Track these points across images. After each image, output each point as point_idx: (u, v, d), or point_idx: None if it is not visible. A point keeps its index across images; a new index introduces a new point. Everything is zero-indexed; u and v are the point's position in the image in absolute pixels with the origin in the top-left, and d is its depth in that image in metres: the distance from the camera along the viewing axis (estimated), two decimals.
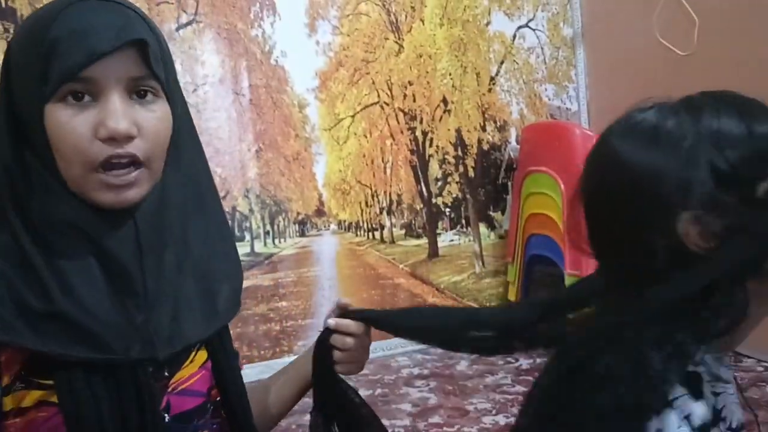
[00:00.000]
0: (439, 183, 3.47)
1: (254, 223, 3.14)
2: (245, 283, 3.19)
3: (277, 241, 3.23)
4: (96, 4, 0.73)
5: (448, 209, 3.50)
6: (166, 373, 0.81)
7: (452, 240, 3.51)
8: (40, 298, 0.71)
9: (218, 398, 0.87)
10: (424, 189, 3.45)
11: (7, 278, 0.71)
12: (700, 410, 0.68)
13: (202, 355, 0.86)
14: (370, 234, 3.43)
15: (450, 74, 3.42)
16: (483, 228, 3.53)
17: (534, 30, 3.59)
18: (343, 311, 0.99)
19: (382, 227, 3.44)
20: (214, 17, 2.96)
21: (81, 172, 0.73)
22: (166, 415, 0.80)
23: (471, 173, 3.49)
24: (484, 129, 3.50)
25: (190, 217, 0.84)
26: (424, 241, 3.48)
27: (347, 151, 3.32)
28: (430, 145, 3.42)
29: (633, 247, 0.72)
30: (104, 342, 0.72)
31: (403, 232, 3.47)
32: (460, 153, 3.47)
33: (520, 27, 3.56)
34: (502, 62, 3.54)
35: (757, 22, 2.60)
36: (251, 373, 1.03)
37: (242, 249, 3.11)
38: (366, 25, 3.29)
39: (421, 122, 3.39)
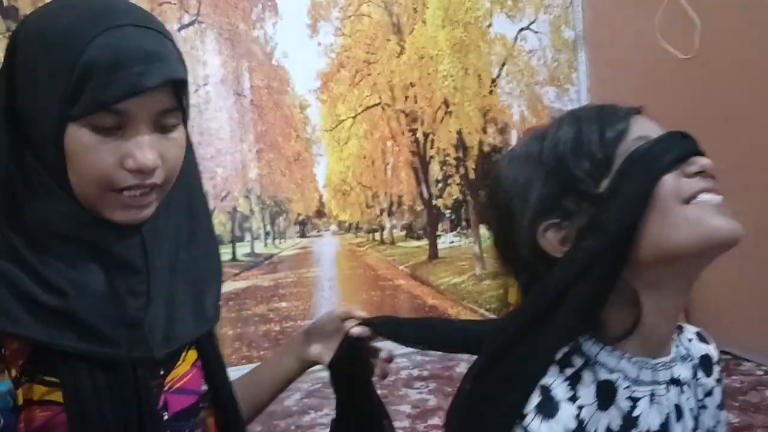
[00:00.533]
0: (440, 185, 3.47)
1: (254, 224, 3.14)
2: (245, 283, 3.16)
3: (277, 241, 3.23)
4: (136, 31, 0.71)
5: (448, 211, 3.50)
6: (162, 372, 0.81)
7: (452, 242, 3.51)
8: (49, 294, 0.71)
9: (203, 394, 0.88)
10: (424, 190, 3.45)
11: (11, 274, 0.71)
12: (558, 426, 0.68)
13: (192, 354, 0.87)
14: (371, 235, 3.43)
15: (451, 76, 3.42)
16: (483, 230, 3.53)
17: (535, 32, 3.59)
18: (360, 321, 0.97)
19: (383, 228, 3.44)
20: (216, 18, 2.96)
21: (97, 192, 0.72)
22: (165, 413, 0.81)
23: (472, 175, 3.50)
24: (485, 131, 3.50)
25: (181, 221, 0.85)
26: (424, 242, 3.48)
27: (348, 152, 3.32)
28: (431, 147, 3.42)
29: (513, 260, 0.78)
30: (108, 338, 0.73)
31: (404, 233, 3.47)
32: (460, 155, 3.47)
33: (521, 29, 3.56)
34: (503, 64, 3.54)
35: (758, 25, 2.60)
36: None
37: (242, 249, 3.12)
38: (368, 27, 3.29)
39: (422, 124, 3.39)
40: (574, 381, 0.72)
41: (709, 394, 0.83)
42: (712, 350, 0.85)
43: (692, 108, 2.81)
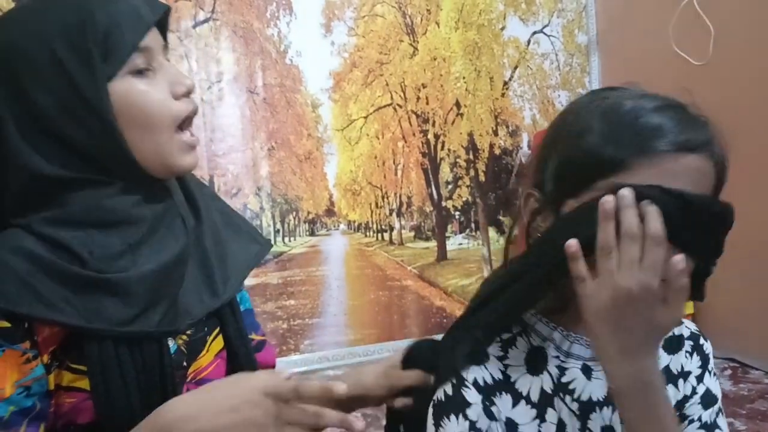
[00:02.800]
0: (450, 186, 3.47)
1: (265, 221, 3.16)
2: (254, 281, 3.16)
3: (287, 239, 3.24)
4: None
5: (458, 213, 3.51)
6: (185, 363, 0.82)
7: (461, 243, 3.52)
8: (78, 263, 0.73)
9: None
10: (434, 192, 3.45)
11: (45, 259, 0.72)
12: (479, 374, 0.77)
13: (217, 344, 0.87)
14: (380, 235, 3.44)
15: (464, 78, 3.42)
16: (492, 232, 3.53)
17: (549, 36, 3.58)
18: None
19: (392, 229, 3.45)
20: (230, 15, 2.98)
21: (168, 134, 0.77)
22: None
23: (482, 177, 3.50)
24: (496, 133, 3.50)
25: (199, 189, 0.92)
26: (433, 243, 3.49)
27: (359, 152, 3.33)
28: (442, 148, 3.43)
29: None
30: (135, 315, 0.74)
31: (413, 234, 3.48)
32: (471, 157, 3.47)
33: (534, 32, 3.56)
34: (515, 67, 3.54)
35: None
36: None
37: None
38: (381, 27, 3.30)
39: (433, 125, 3.40)
40: (507, 344, 0.80)
41: (673, 379, 0.84)
42: (678, 329, 0.88)
43: (706, 115, 2.80)
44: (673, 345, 0.88)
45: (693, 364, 0.87)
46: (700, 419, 0.84)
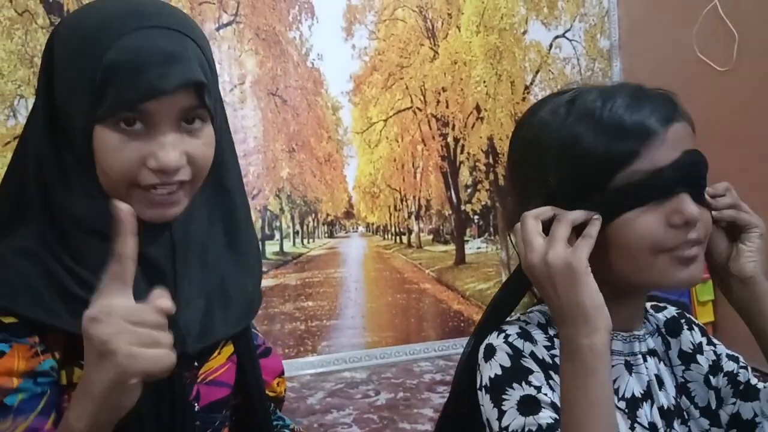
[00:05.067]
0: (469, 190, 3.47)
1: (284, 223, 3.18)
2: (273, 281, 3.18)
3: (306, 241, 3.26)
4: (157, 32, 0.72)
5: (476, 216, 3.50)
6: (196, 363, 0.83)
7: (479, 247, 3.51)
8: (81, 287, 0.73)
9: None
10: (453, 195, 3.45)
11: (49, 263, 0.73)
12: (536, 350, 0.78)
13: (229, 348, 0.88)
14: (398, 238, 3.45)
15: (484, 82, 3.42)
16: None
17: (570, 40, 3.57)
18: None
19: (410, 232, 3.45)
20: (253, 18, 3.00)
21: (124, 190, 0.74)
22: (195, 404, 0.82)
23: (501, 181, 3.49)
24: None
25: (217, 219, 0.86)
26: (451, 247, 3.49)
27: (378, 155, 3.34)
28: (462, 152, 3.43)
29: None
30: None
31: (431, 237, 3.48)
32: (491, 161, 3.47)
33: (556, 37, 3.55)
34: (537, 71, 3.53)
35: None
36: None
37: (271, 248, 3.15)
38: (402, 31, 3.31)
39: (453, 129, 3.40)
40: (552, 340, 0.80)
41: (693, 357, 0.87)
42: (668, 312, 0.92)
43: (729, 122, 2.78)
44: (674, 328, 0.90)
45: (697, 336, 0.91)
46: (741, 367, 0.89)
